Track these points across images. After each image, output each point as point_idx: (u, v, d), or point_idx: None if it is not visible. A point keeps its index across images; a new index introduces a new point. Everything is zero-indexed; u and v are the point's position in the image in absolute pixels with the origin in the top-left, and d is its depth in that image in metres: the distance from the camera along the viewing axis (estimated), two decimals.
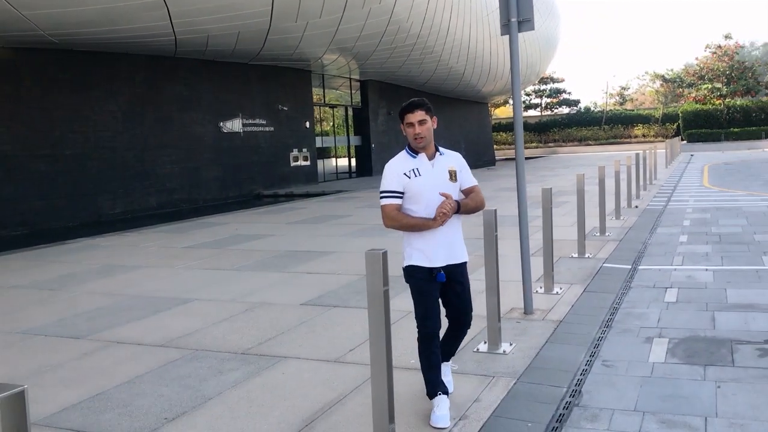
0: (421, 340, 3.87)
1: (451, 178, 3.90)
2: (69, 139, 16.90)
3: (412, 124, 3.83)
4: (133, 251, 10.97)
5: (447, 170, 3.90)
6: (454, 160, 4.00)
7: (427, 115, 3.85)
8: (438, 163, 3.92)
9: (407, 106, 3.87)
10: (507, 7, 6.04)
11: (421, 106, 3.85)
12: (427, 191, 3.83)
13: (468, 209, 3.94)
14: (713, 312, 6.00)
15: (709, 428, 3.71)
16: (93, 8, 12.66)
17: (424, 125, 3.83)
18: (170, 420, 4.09)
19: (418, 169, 3.86)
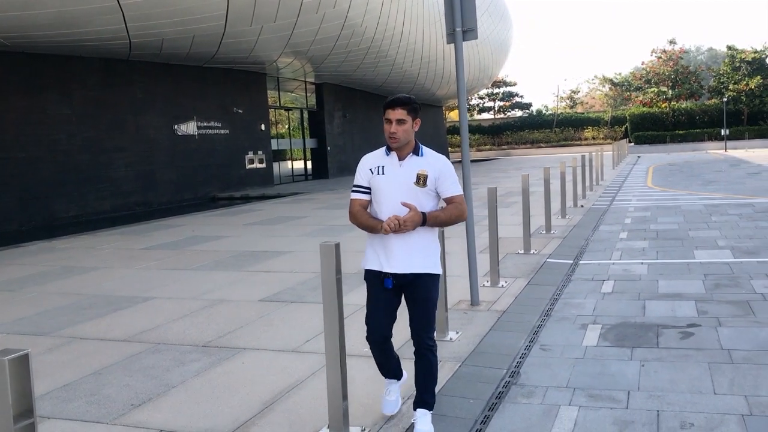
0: (368, 342, 3.79)
1: (419, 182, 3.55)
2: (21, 142, 16.79)
3: (389, 120, 3.55)
4: (90, 253, 11.06)
5: (416, 173, 3.57)
6: (432, 164, 3.62)
7: (408, 115, 3.56)
8: (408, 165, 3.61)
9: (390, 101, 3.57)
10: (452, 17, 6.43)
11: (404, 104, 3.56)
12: (387, 193, 3.59)
13: (438, 222, 3.59)
14: (644, 301, 6.47)
15: (630, 400, 4.12)
16: (48, 12, 12.69)
17: (402, 125, 3.54)
18: (137, 406, 4.34)
19: (384, 167, 3.63)
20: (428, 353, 3.70)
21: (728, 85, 51.57)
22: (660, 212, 13.17)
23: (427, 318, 3.68)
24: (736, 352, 4.88)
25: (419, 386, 3.76)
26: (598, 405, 4.08)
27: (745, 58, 51.44)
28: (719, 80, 52.69)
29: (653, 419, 3.83)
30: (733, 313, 5.89)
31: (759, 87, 50.36)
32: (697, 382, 4.34)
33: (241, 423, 3.99)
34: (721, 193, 16.45)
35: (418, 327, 3.69)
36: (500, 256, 8.84)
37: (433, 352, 3.71)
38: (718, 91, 52.54)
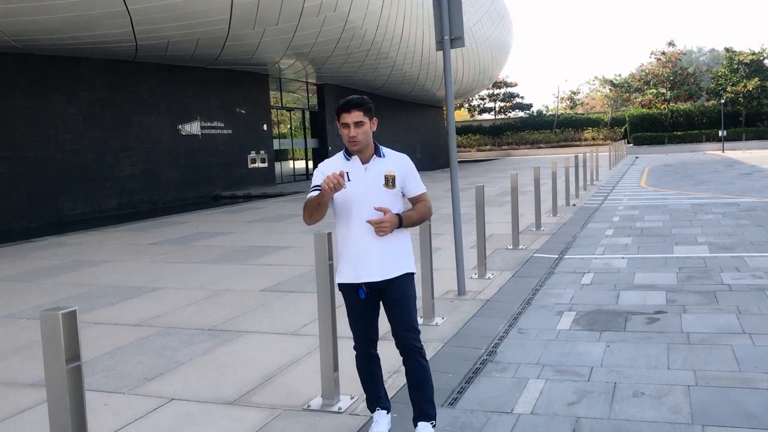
0: (355, 350, 3.76)
1: (388, 183, 3.48)
2: (30, 142, 17.28)
3: (347, 125, 3.43)
4: (99, 248, 11.55)
5: (383, 174, 3.49)
6: (396, 164, 3.56)
7: (365, 116, 3.45)
8: (373, 167, 3.51)
9: (344, 104, 3.47)
10: (441, 26, 6.91)
11: (359, 106, 3.45)
12: (357, 199, 3.46)
13: (411, 222, 3.56)
14: (619, 291, 6.95)
15: (593, 375, 4.60)
16: (59, 16, 13.19)
17: (360, 127, 3.43)
18: (150, 379, 4.83)
19: (348, 173, 3.46)
20: (417, 356, 3.53)
21: (726, 86, 52.00)
22: (648, 211, 13.63)
23: (408, 317, 3.54)
24: (695, 334, 5.36)
25: (416, 397, 3.56)
26: (563, 378, 4.56)
27: (743, 60, 51.86)
28: (717, 82, 53.14)
29: (610, 390, 4.31)
30: (698, 301, 6.37)
31: (757, 89, 50.79)
32: (654, 360, 4.82)
33: (244, 393, 4.48)
34: (711, 192, 16.91)
35: (401, 328, 3.53)
36: (490, 251, 9.35)
37: (423, 355, 3.55)
38: (716, 93, 52.98)
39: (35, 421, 4.20)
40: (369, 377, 3.73)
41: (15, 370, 5.22)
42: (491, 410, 4.08)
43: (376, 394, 3.74)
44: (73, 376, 2.37)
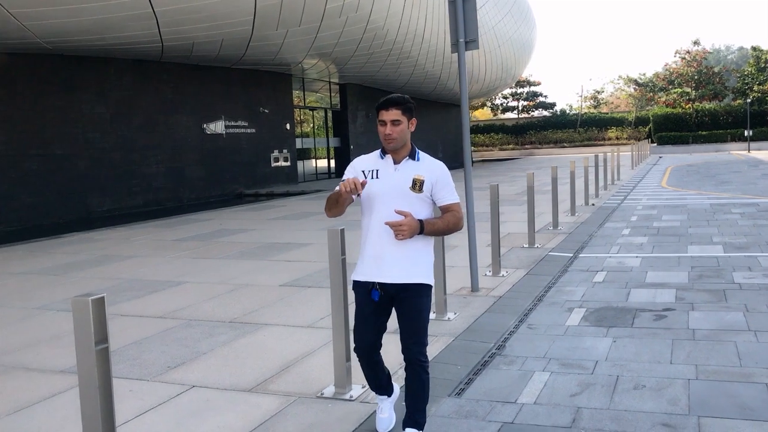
0: (356, 353, 3.73)
1: (415, 187, 3.43)
2: (59, 140, 17.72)
3: (384, 122, 3.43)
4: (125, 244, 11.89)
5: (412, 177, 3.45)
6: (428, 169, 3.50)
7: (403, 115, 3.43)
8: (403, 168, 3.49)
9: (383, 102, 3.46)
10: (456, 29, 7.09)
11: (398, 105, 3.43)
12: (380, 197, 3.46)
13: (435, 230, 3.47)
14: (630, 289, 7.08)
15: (597, 368, 4.76)
16: (88, 18, 13.57)
17: (397, 126, 3.42)
18: (173, 368, 5.08)
19: (377, 170, 3.49)
20: (420, 370, 3.54)
21: (753, 85, 51.41)
22: (666, 211, 13.67)
23: (418, 332, 3.51)
24: (700, 331, 5.49)
25: (409, 404, 3.61)
26: (567, 371, 4.72)
27: None
28: (744, 81, 52.52)
29: (612, 382, 4.47)
30: (707, 299, 6.48)
31: None
32: (657, 355, 4.97)
33: (262, 381, 4.70)
34: (731, 193, 16.86)
35: (408, 341, 3.53)
36: (506, 249, 9.51)
37: (425, 369, 3.56)
38: (742, 92, 52.39)
39: (65, 404, 4.46)
40: (371, 375, 3.77)
41: (45, 358, 5.50)
42: (496, 400, 4.26)
43: (377, 383, 3.79)
44: (102, 357, 2.59)
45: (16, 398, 4.61)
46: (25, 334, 6.24)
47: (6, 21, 12.60)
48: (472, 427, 3.88)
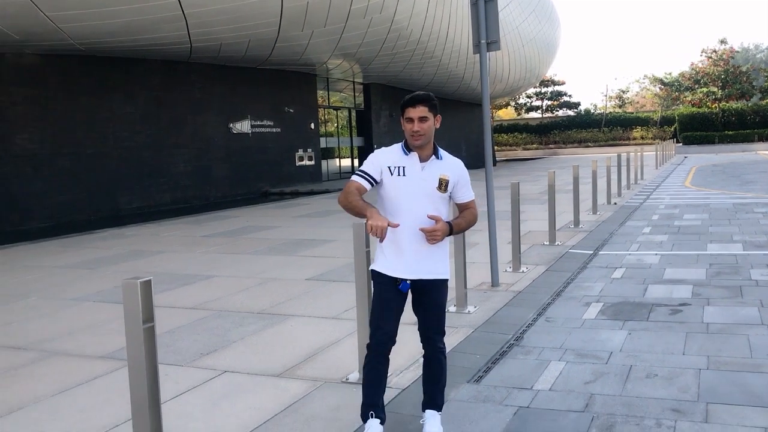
0: (369, 348, 3.61)
1: (441, 187, 3.50)
2: (90, 139, 18.17)
3: (411, 119, 3.46)
4: (155, 239, 12.24)
5: (438, 177, 3.51)
6: (451, 168, 3.58)
7: (430, 112, 3.47)
8: (429, 168, 3.53)
9: (409, 99, 3.49)
10: (477, 30, 7.28)
11: (425, 102, 3.48)
12: (409, 196, 3.49)
13: (460, 230, 3.64)
14: (648, 285, 7.22)
15: (611, 359, 4.93)
16: (120, 21, 13.96)
17: (424, 122, 3.45)
18: (205, 354, 5.35)
19: (404, 168, 3.50)
20: (440, 356, 3.70)
21: None
22: (688, 210, 13.72)
23: (440, 323, 3.68)
24: (714, 324, 5.63)
25: (430, 388, 3.74)
26: (582, 361, 4.90)
27: None
28: None
29: (625, 371, 4.64)
30: (723, 295, 6.61)
31: None
32: (671, 346, 5.13)
33: (289, 367, 4.95)
34: (755, 192, 16.82)
35: (430, 333, 3.67)
36: (527, 247, 9.68)
37: (445, 354, 3.73)
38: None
39: (105, 387, 4.74)
40: (374, 380, 3.60)
41: (84, 345, 5.80)
42: (513, 386, 4.46)
43: (375, 400, 3.59)
44: (148, 334, 2.84)
45: (60, 381, 4.90)
46: (63, 324, 6.56)
47: (43, 24, 13.02)
48: (490, 410, 4.08)
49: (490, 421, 3.93)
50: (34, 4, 12.15)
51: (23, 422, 4.19)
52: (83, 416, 4.23)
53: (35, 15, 12.52)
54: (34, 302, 7.53)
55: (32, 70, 16.58)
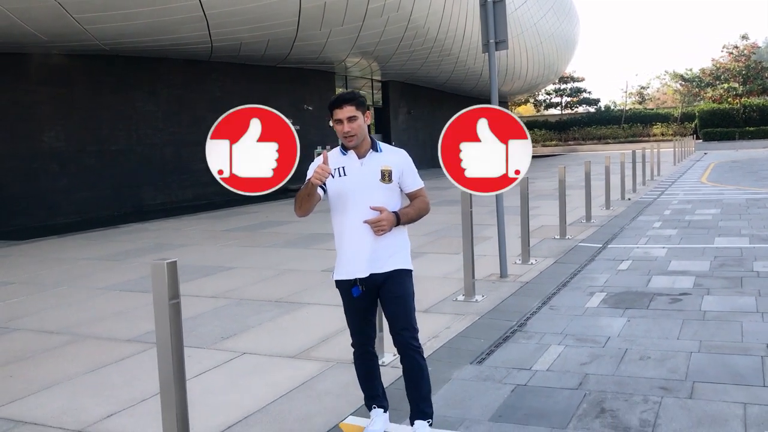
0: (353, 348, 3.76)
1: (384, 178, 3.49)
2: (114, 136, 18.64)
3: (340, 120, 3.45)
4: (178, 233, 12.64)
5: (379, 169, 3.50)
6: (393, 159, 3.57)
7: (358, 110, 3.45)
8: (369, 162, 3.52)
9: (335, 101, 3.47)
10: (486, 30, 7.55)
11: (350, 101, 3.45)
12: (353, 194, 3.47)
13: (409, 219, 3.56)
14: (651, 276, 7.45)
15: (608, 342, 5.20)
16: (144, 22, 14.39)
17: (354, 122, 3.44)
18: (225, 338, 5.69)
19: (344, 167, 3.51)
20: (415, 354, 3.50)
21: None
22: (701, 205, 13.86)
23: (406, 316, 3.51)
24: (710, 312, 5.87)
25: (413, 396, 3.55)
26: (581, 345, 5.18)
27: None
28: None
29: (620, 354, 4.91)
30: (724, 285, 6.83)
31: None
32: (666, 332, 5.38)
33: (304, 349, 5.27)
34: None
35: (398, 327, 3.50)
36: (538, 240, 9.93)
37: (421, 354, 3.53)
38: None
39: (133, 366, 5.10)
40: (367, 375, 3.69)
41: (113, 329, 6.17)
42: (512, 367, 4.74)
43: (373, 392, 3.71)
44: (174, 310, 3.18)
45: (91, 361, 5.27)
46: (92, 310, 6.94)
47: (70, 26, 13.47)
48: (489, 388, 4.38)
49: (489, 397, 4.23)
50: (62, 7, 12.59)
51: (59, 396, 4.55)
52: (114, 392, 4.58)
53: (63, 17, 12.97)
54: (65, 291, 7.94)
55: (58, 69, 17.06)
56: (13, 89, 15.74)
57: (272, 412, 4.12)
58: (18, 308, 7.17)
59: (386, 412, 3.73)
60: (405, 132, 33.65)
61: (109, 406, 4.32)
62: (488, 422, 3.85)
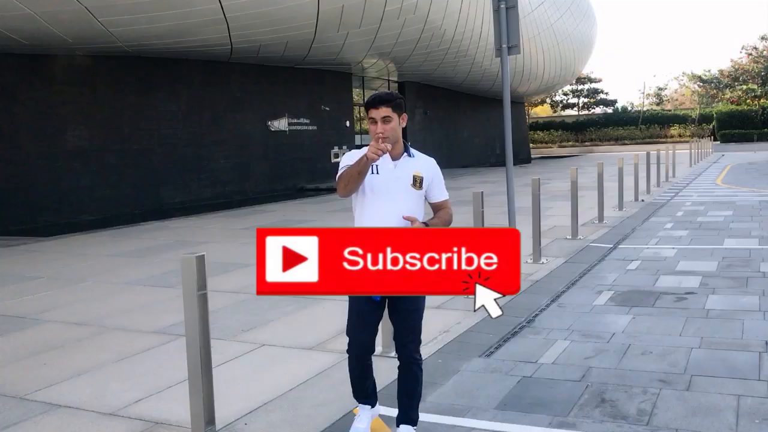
0: (348, 356, 3.73)
1: (415, 184, 3.47)
2: (136, 136, 19.03)
3: (374, 120, 3.40)
4: (198, 231, 12.96)
5: (411, 174, 3.47)
6: (424, 166, 3.55)
7: (394, 112, 3.40)
8: (402, 165, 3.49)
9: (371, 100, 3.43)
10: (499, 35, 7.77)
11: (388, 102, 3.41)
12: (384, 193, 3.43)
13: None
14: (659, 275, 7.64)
15: (613, 338, 5.40)
16: (166, 24, 14.74)
17: (388, 123, 3.38)
18: (245, 331, 5.96)
19: (377, 165, 3.43)
20: (415, 368, 3.56)
21: None
22: (713, 207, 13.97)
23: (415, 330, 3.54)
24: (714, 311, 6.06)
25: (404, 403, 3.62)
26: (585, 340, 5.39)
27: None
28: None
29: (623, 349, 5.12)
30: (729, 285, 7.01)
31: None
32: (669, 329, 5.58)
33: (320, 342, 5.53)
34: None
35: (406, 341, 3.53)
36: (549, 240, 10.12)
37: (420, 366, 3.59)
38: None
39: (159, 355, 5.38)
40: (360, 380, 3.73)
41: (138, 321, 6.46)
42: (519, 360, 4.97)
43: (364, 392, 3.77)
44: (202, 300, 3.45)
45: (119, 351, 5.56)
46: (118, 304, 7.24)
47: (96, 28, 13.85)
48: (497, 379, 4.61)
49: (495, 387, 4.46)
50: (89, 12, 12.95)
51: (90, 382, 4.84)
52: (141, 379, 4.86)
53: (89, 20, 13.33)
54: (91, 285, 8.26)
55: (82, 70, 17.47)
56: (40, 89, 16.17)
57: (290, 399, 4.38)
58: (47, 301, 7.49)
59: (374, 407, 3.81)
60: (421, 132, 33.86)
61: (137, 392, 4.60)
62: (494, 410, 4.09)
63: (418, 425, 3.70)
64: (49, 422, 4.19)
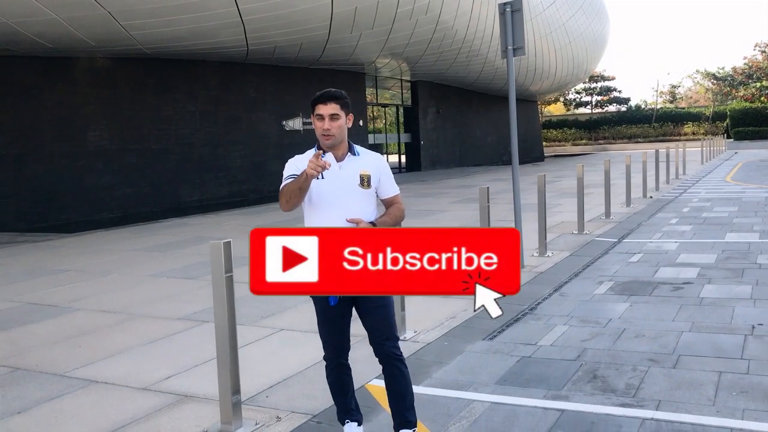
0: (325, 360, 3.67)
1: (363, 183, 3.38)
2: (154, 136, 19.53)
3: (321, 116, 3.36)
4: (216, 228, 13.39)
5: (358, 174, 3.39)
6: (371, 163, 3.46)
7: (342, 110, 3.40)
8: (348, 166, 3.41)
9: (320, 96, 3.41)
10: (504, 37, 8.11)
11: (337, 99, 3.40)
12: (331, 198, 3.34)
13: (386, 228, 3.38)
14: (659, 267, 7.96)
15: (609, 323, 5.75)
16: (184, 27, 15.21)
17: (335, 121, 3.35)
18: (264, 317, 6.36)
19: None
20: (398, 363, 3.44)
21: None
22: (719, 203, 14.22)
23: (387, 326, 3.46)
24: (707, 299, 6.38)
25: (397, 406, 3.46)
26: (583, 325, 5.74)
27: None
28: None
29: (618, 333, 5.46)
30: (725, 276, 7.32)
31: None
32: (663, 315, 5.91)
33: None
34: None
35: (380, 337, 3.45)
36: (556, 235, 10.45)
37: (403, 362, 3.47)
38: None
39: (183, 339, 5.79)
40: (340, 388, 3.62)
41: (163, 310, 6.88)
42: (520, 342, 5.33)
43: (346, 407, 3.63)
44: (228, 282, 3.84)
45: (146, 335, 5.97)
46: (142, 294, 7.67)
47: (117, 32, 14.35)
48: (497, 359, 4.97)
49: (496, 365, 4.82)
50: (111, 16, 13.44)
51: (123, 362, 5.25)
52: (168, 360, 5.27)
53: (111, 24, 13.82)
54: (116, 278, 8.69)
55: (104, 72, 17.98)
56: (62, 91, 16.68)
57: (307, 376, 4.77)
58: (76, 292, 7.93)
59: (360, 425, 3.65)
60: (433, 131, 34.20)
61: (167, 370, 5.01)
62: (494, 385, 4.45)
63: (422, 397, 4.07)
64: (89, 395, 4.60)
